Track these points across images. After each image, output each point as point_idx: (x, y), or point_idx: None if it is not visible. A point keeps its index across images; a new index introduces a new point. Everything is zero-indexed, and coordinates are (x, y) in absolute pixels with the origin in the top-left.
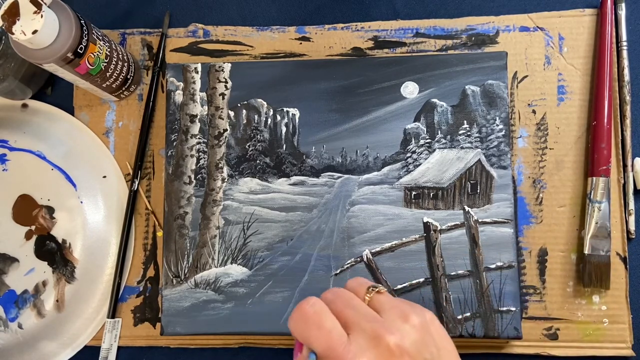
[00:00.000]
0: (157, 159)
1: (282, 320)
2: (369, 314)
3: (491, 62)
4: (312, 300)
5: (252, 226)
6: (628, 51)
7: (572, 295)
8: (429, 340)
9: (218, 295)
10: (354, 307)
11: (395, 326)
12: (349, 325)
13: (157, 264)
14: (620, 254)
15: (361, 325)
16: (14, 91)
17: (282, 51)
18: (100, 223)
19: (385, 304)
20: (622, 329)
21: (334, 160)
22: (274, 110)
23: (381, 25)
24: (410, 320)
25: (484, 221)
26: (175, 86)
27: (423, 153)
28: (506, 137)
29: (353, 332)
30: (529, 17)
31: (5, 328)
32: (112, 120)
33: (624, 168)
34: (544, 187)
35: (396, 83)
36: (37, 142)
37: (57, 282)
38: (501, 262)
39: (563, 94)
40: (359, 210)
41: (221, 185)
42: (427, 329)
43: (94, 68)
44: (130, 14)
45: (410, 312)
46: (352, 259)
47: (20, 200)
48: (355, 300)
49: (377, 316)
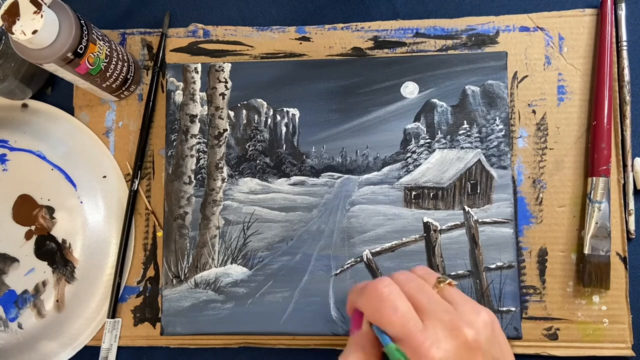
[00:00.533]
0: (157, 159)
1: (282, 320)
2: (443, 303)
3: (491, 62)
4: (387, 281)
5: (252, 226)
6: (628, 51)
7: (572, 295)
8: (495, 340)
9: (218, 295)
10: (427, 295)
11: (471, 320)
12: (423, 312)
13: (157, 264)
14: (620, 254)
15: (437, 315)
16: (14, 91)
17: (282, 51)
18: (100, 223)
19: (457, 297)
20: (622, 329)
21: (334, 160)
22: (274, 110)
23: (381, 25)
24: (482, 316)
25: (484, 221)
26: (175, 86)
27: (423, 153)
28: (506, 137)
29: (428, 319)
30: (529, 17)
31: (5, 328)
32: (112, 120)
33: (624, 168)
34: (544, 187)
35: (396, 83)
36: (37, 142)
37: (57, 282)
38: (501, 262)
39: (563, 94)
40: (359, 210)
41: (221, 185)
42: (495, 328)
43: (94, 68)
44: (130, 14)
45: (481, 308)
46: (352, 259)
47: (20, 200)
48: (427, 287)
49: (451, 307)
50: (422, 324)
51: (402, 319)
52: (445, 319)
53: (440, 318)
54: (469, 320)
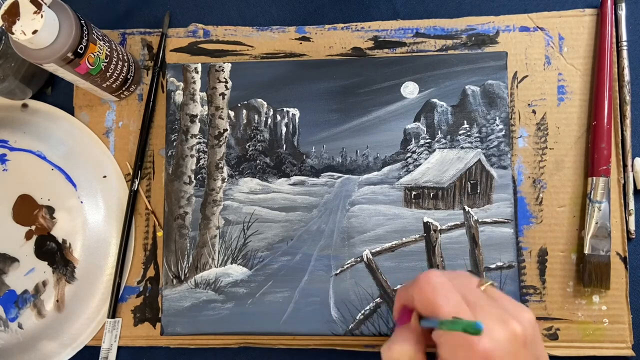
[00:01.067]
0: (157, 159)
1: (282, 320)
2: (490, 299)
3: (491, 62)
4: (438, 272)
5: (252, 226)
6: (628, 51)
7: (572, 295)
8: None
9: (218, 295)
10: (474, 291)
11: (518, 316)
12: (472, 306)
13: (157, 264)
14: (620, 254)
15: (485, 308)
16: (14, 91)
17: (282, 51)
18: (100, 223)
19: (501, 295)
20: (622, 329)
21: (334, 160)
22: (274, 110)
23: (381, 25)
24: (527, 314)
25: (484, 221)
26: (175, 86)
27: (423, 153)
28: (506, 137)
29: (478, 312)
30: (529, 17)
31: (5, 328)
32: (112, 120)
33: (624, 168)
34: (544, 187)
35: (396, 83)
36: (37, 142)
37: (57, 282)
38: (501, 262)
39: (563, 94)
40: (359, 210)
41: (221, 185)
42: (536, 328)
43: (94, 68)
44: (130, 14)
45: (525, 307)
46: (352, 259)
47: (20, 200)
48: (473, 284)
49: (497, 304)
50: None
51: (454, 308)
52: (494, 312)
53: (489, 311)
54: (516, 315)
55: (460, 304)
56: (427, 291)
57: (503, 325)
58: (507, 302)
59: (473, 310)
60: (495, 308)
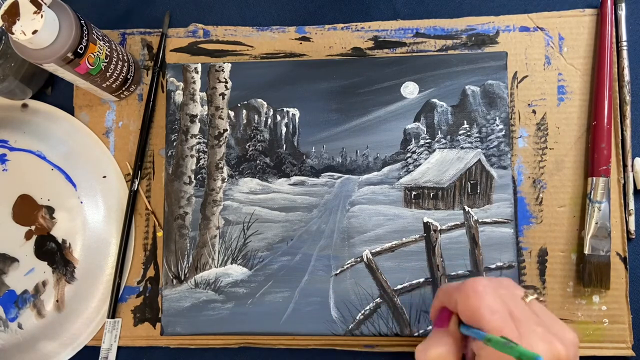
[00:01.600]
0: (157, 159)
1: (282, 320)
2: (534, 315)
3: (491, 62)
4: (485, 282)
5: (252, 226)
6: (628, 51)
7: (572, 295)
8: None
9: (218, 295)
10: (519, 304)
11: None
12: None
13: (157, 264)
14: (620, 254)
15: (530, 326)
16: (14, 91)
17: (282, 51)
18: (100, 223)
19: (545, 312)
20: (622, 329)
21: (334, 160)
22: (274, 110)
23: (381, 25)
24: (571, 335)
25: (484, 221)
26: (175, 86)
27: (423, 153)
28: (506, 137)
29: (523, 329)
30: (529, 17)
31: (5, 328)
32: (112, 120)
33: (624, 168)
34: (544, 187)
35: (396, 83)
36: (37, 142)
37: (57, 282)
38: (501, 262)
39: (563, 94)
40: (359, 210)
41: (221, 185)
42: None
43: (94, 68)
44: (130, 14)
45: (567, 328)
46: (352, 259)
47: (20, 200)
48: (518, 297)
49: (542, 321)
50: (517, 331)
51: (499, 322)
52: (538, 331)
53: (533, 329)
54: (560, 336)
55: (505, 320)
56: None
57: (547, 346)
58: (550, 320)
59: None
60: (540, 326)
